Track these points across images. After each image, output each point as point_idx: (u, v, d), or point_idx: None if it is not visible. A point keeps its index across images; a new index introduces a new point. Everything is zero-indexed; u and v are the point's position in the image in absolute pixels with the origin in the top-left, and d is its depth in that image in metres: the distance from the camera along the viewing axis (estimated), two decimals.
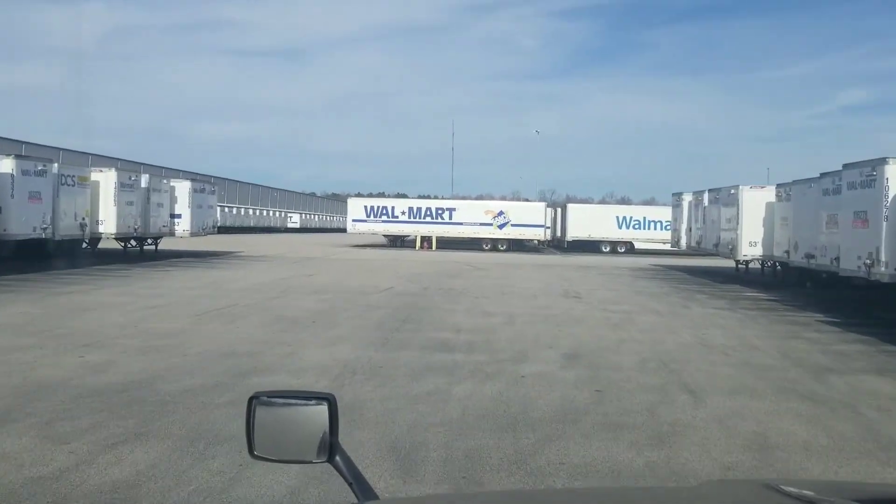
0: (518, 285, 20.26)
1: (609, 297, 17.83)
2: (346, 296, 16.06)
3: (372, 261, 30.52)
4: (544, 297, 17.38)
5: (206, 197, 29.56)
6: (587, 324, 12.87)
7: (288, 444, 1.63)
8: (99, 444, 5.39)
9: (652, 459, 5.46)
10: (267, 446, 1.62)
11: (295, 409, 1.63)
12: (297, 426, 1.61)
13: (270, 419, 1.62)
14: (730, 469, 5.34)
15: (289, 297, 15.65)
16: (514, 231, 45.30)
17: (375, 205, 45.90)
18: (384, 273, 23.30)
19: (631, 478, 5.09)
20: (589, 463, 5.35)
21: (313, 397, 1.64)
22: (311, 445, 1.60)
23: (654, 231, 47.16)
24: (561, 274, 25.42)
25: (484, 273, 24.85)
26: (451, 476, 4.98)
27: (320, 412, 1.61)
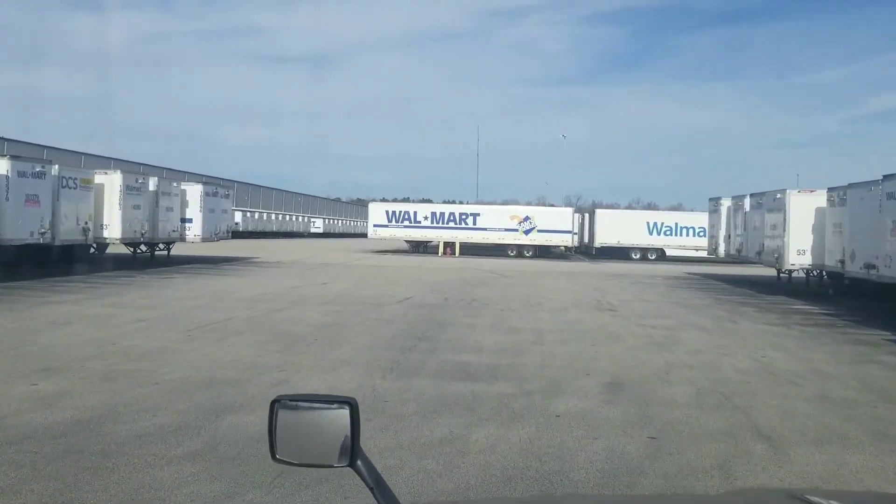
0: (546, 296, 18.76)
1: (647, 309, 16.28)
2: (358, 307, 14.69)
3: (392, 268, 29.17)
4: (575, 309, 15.87)
5: (220, 201, 28.36)
6: (626, 343, 11.36)
7: (309, 448, 1.59)
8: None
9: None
10: (289, 450, 1.59)
11: (317, 413, 1.59)
12: (318, 430, 1.58)
13: (292, 423, 1.59)
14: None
15: (295, 308, 14.30)
16: (541, 237, 43.76)
17: (397, 209, 44.60)
18: (403, 281, 21.92)
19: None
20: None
21: (335, 401, 1.60)
22: (333, 450, 1.57)
23: (687, 238, 45.43)
24: (591, 283, 23.87)
25: (509, 281, 23.38)
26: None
27: (342, 416, 1.57)
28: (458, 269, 28.83)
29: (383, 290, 18.65)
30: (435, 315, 13.86)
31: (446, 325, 12.60)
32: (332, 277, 22.64)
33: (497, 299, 17.23)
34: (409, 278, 23.26)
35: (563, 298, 18.15)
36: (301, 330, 11.45)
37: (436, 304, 15.70)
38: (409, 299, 16.59)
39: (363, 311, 14.04)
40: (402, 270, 27.61)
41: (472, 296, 17.93)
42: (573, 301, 17.57)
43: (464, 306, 15.55)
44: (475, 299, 17.10)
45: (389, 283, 21.02)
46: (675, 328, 13.21)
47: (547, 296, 18.73)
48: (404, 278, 23.21)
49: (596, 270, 31.87)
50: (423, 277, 23.76)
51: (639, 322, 13.89)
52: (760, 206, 22.87)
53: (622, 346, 10.95)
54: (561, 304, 16.86)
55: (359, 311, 14.17)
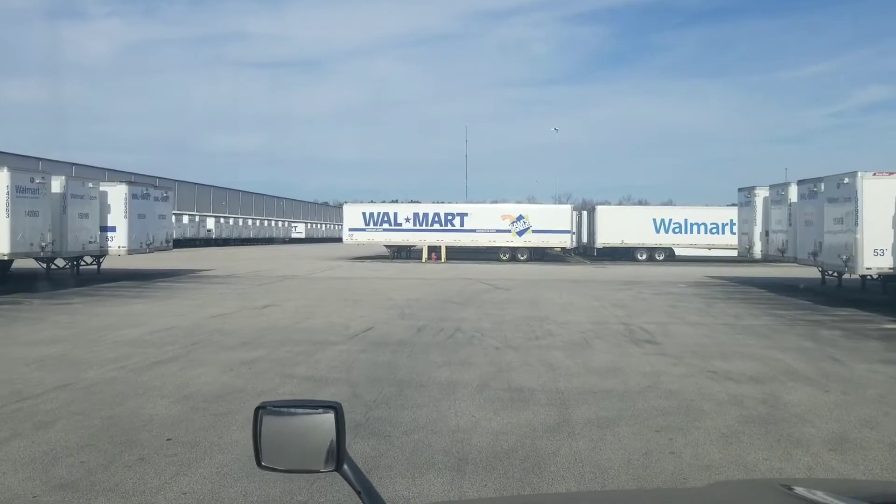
0: (555, 318, 14.13)
1: (699, 340, 11.67)
2: (287, 351, 10.02)
3: (363, 279, 24.46)
4: (601, 343, 11.22)
5: (154, 204, 23.47)
6: (711, 419, 6.72)
7: (295, 454, 1.56)
8: None
9: None
10: (274, 456, 1.56)
11: (301, 419, 1.56)
12: (304, 435, 1.55)
13: (277, 429, 1.56)
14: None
15: (189, 358, 9.60)
16: (536, 238, 39.18)
17: (375, 211, 39.83)
18: (370, 300, 17.23)
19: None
20: None
21: (320, 406, 1.57)
22: (319, 454, 1.54)
23: (697, 235, 41.03)
24: (605, 294, 19.25)
25: (504, 296, 18.73)
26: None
27: (327, 421, 1.54)
28: (443, 280, 24.16)
29: (338, 317, 13.99)
30: (398, 364, 9.19)
31: (412, 386, 7.93)
32: (281, 297, 17.93)
33: (490, 328, 12.58)
34: (380, 295, 18.58)
35: (578, 322, 13.52)
36: (153, 416, 6.74)
37: (404, 341, 11.03)
38: (367, 332, 11.93)
39: (290, 361, 9.37)
40: (375, 283, 22.92)
41: (456, 322, 13.28)
42: (593, 327, 12.93)
43: (443, 344, 10.87)
44: (460, 328, 12.44)
45: (351, 304, 16.34)
46: (764, 379, 8.59)
47: (556, 318, 14.09)
48: (373, 295, 18.53)
49: (604, 276, 27.24)
50: (396, 293, 19.10)
51: (704, 368, 9.26)
52: (815, 195, 18.29)
53: (707, 433, 6.31)
54: (579, 332, 12.22)
55: (285, 359, 9.50)
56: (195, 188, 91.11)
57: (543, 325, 12.94)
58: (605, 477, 5.12)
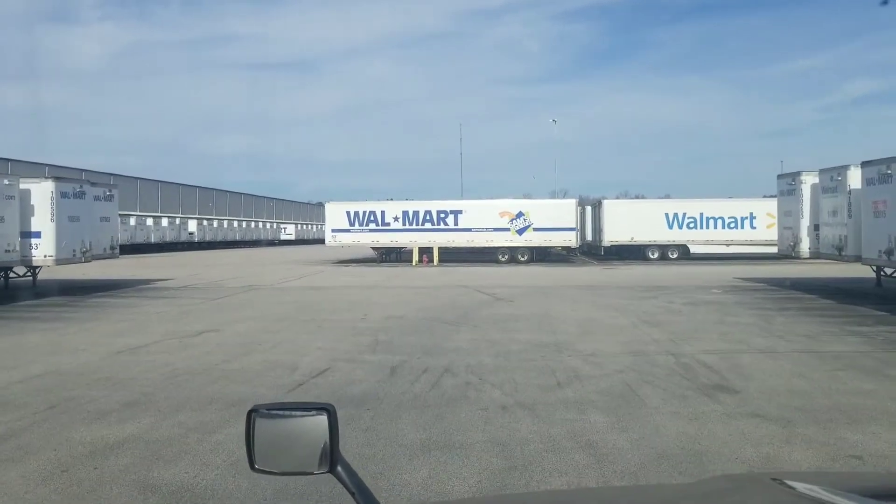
0: (577, 345, 10.62)
1: (789, 382, 8.17)
2: (178, 426, 6.50)
3: (340, 290, 20.92)
4: (655, 392, 7.68)
5: (92, 205, 19.83)
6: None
7: (289, 456, 1.55)
8: None
9: None
10: (267, 459, 1.55)
11: (294, 421, 1.55)
12: (297, 438, 1.54)
13: (270, 432, 1.55)
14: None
15: (20, 441, 6.07)
16: (538, 237, 35.69)
17: (360, 209, 36.21)
18: (340, 321, 13.72)
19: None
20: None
21: (312, 408, 1.56)
22: (313, 456, 1.53)
23: (714, 230, 37.62)
24: (631, 307, 15.76)
25: (507, 311, 15.21)
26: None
27: (320, 423, 1.54)
28: (434, 289, 20.65)
29: (288, 349, 10.48)
30: (344, 449, 5.68)
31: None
32: (230, 317, 14.41)
33: (491, 366, 9.07)
34: (354, 311, 15.06)
35: (609, 353, 10.01)
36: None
37: (366, 396, 7.50)
38: (319, 377, 8.43)
39: (172, 448, 5.84)
40: (353, 294, 19.40)
41: (445, 356, 9.76)
42: (633, 361, 9.41)
43: (423, 400, 7.35)
44: (450, 368, 8.93)
45: (314, 327, 12.83)
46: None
47: (578, 346, 10.58)
48: (347, 312, 15.01)
49: (619, 280, 23.73)
50: (375, 308, 15.59)
51: (839, 449, 5.76)
52: (889, 179, 14.80)
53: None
54: (615, 371, 8.71)
55: (168, 440, 5.98)
56: (179, 189, 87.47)
57: (565, 361, 9.42)
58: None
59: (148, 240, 58.20)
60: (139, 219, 57.61)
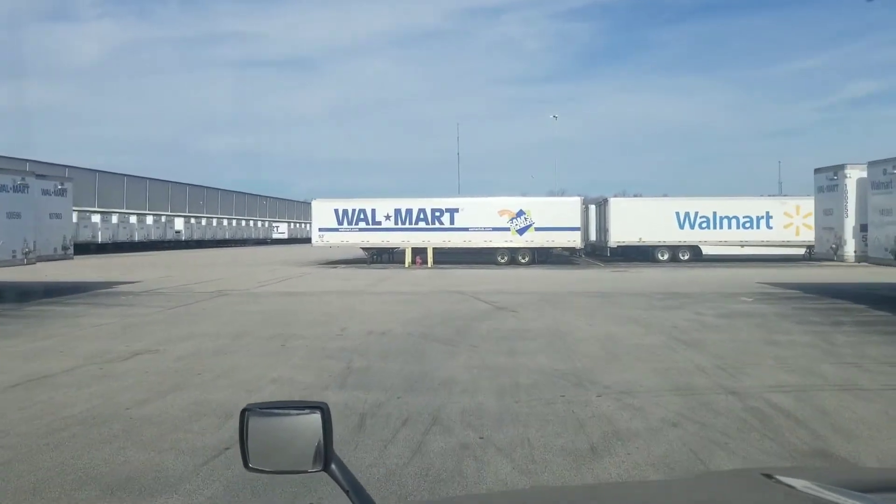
0: (604, 375, 8.27)
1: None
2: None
3: (320, 297, 18.58)
4: (735, 463, 5.36)
5: (37, 200, 17.41)
6: None
7: (282, 455, 1.53)
8: None
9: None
10: (261, 458, 1.53)
11: (288, 420, 1.52)
12: (290, 436, 1.52)
13: (264, 430, 1.53)
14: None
15: None
16: (539, 237, 33.40)
17: (350, 207, 33.83)
18: (310, 338, 11.37)
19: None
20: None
21: (306, 406, 1.53)
22: (307, 455, 1.51)
23: (728, 231, 35.38)
24: (653, 318, 13.45)
25: (512, 324, 12.87)
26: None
27: (314, 421, 1.51)
28: (426, 296, 18.32)
29: (232, 382, 8.15)
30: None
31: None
32: (180, 332, 12.05)
33: (495, 411, 6.72)
34: (330, 326, 12.73)
35: (647, 388, 7.66)
36: None
37: (308, 483, 5.15)
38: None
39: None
40: (333, 302, 17.05)
41: (433, 395, 7.42)
42: (682, 403, 7.05)
43: (398, 478, 5.00)
44: (439, 416, 6.58)
45: (277, 347, 10.49)
46: None
47: (605, 377, 8.22)
48: (320, 326, 12.67)
49: (633, 285, 21.41)
50: (355, 321, 13.26)
51: None
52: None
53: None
54: (666, 423, 6.36)
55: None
56: (168, 187, 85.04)
57: (593, 404, 7.07)
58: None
59: (132, 238, 55.86)
60: (122, 216, 55.18)
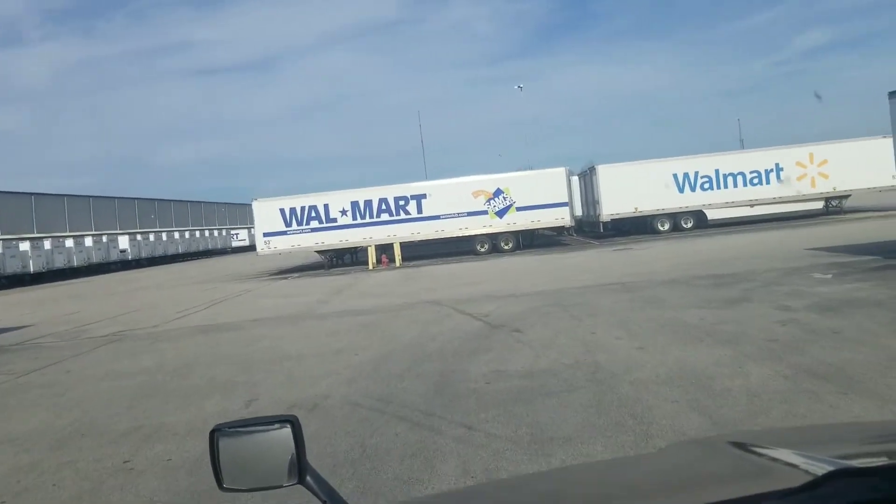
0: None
1: None
2: None
3: (241, 331, 13.62)
4: None
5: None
6: None
7: (256, 472, 1.52)
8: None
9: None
10: (235, 477, 1.52)
11: (259, 436, 1.51)
12: (263, 452, 1.51)
13: (235, 449, 1.52)
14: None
15: None
16: (523, 218, 28.74)
17: (298, 205, 28.77)
18: (175, 440, 6.52)
19: None
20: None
21: (276, 421, 1.52)
22: (281, 469, 1.49)
23: (735, 190, 31.02)
24: (728, 326, 8.80)
25: (520, 361, 8.06)
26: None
27: (285, 435, 1.50)
28: (389, 313, 13.48)
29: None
30: None
31: None
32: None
33: None
34: (222, 402, 7.86)
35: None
36: None
37: None
38: None
39: None
40: (252, 343, 12.10)
41: None
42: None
43: None
44: None
45: (94, 483, 5.64)
46: None
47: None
48: (207, 404, 7.79)
49: (653, 268, 16.74)
50: (269, 385, 8.42)
51: None
52: None
53: None
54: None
55: None
56: (114, 203, 78.99)
57: None
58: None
59: (70, 264, 50.21)
60: (55, 240, 49.56)
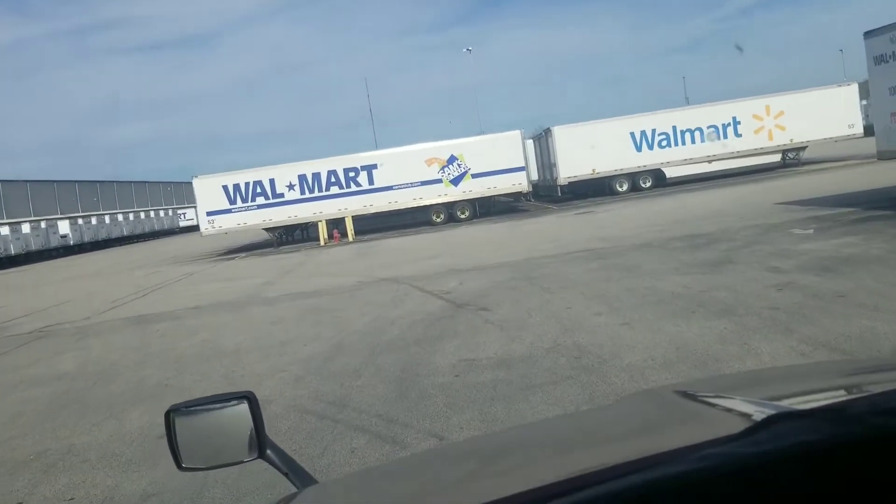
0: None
1: None
2: None
3: (177, 322, 12.29)
4: None
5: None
6: None
7: (216, 450, 1.50)
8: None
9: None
10: (194, 456, 1.49)
11: (216, 414, 1.48)
12: (221, 430, 1.48)
13: (192, 428, 1.48)
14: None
15: None
16: (479, 185, 27.66)
17: (242, 181, 27.17)
18: (75, 475, 5.31)
19: None
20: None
21: (232, 398, 1.49)
22: (240, 445, 1.48)
23: (693, 146, 30.34)
24: (716, 292, 7.84)
25: (494, 346, 7.00)
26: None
27: (242, 411, 1.47)
28: (343, 294, 12.30)
29: None
30: None
31: None
32: None
33: None
34: (142, 416, 6.65)
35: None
36: None
37: None
38: None
39: None
40: (188, 335, 10.81)
41: None
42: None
43: None
44: None
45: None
46: None
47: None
48: (132, 416, 6.59)
49: (627, 231, 15.82)
50: (204, 384, 7.21)
51: None
52: None
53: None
54: None
55: None
56: (53, 187, 75.57)
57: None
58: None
59: (6, 252, 47.79)
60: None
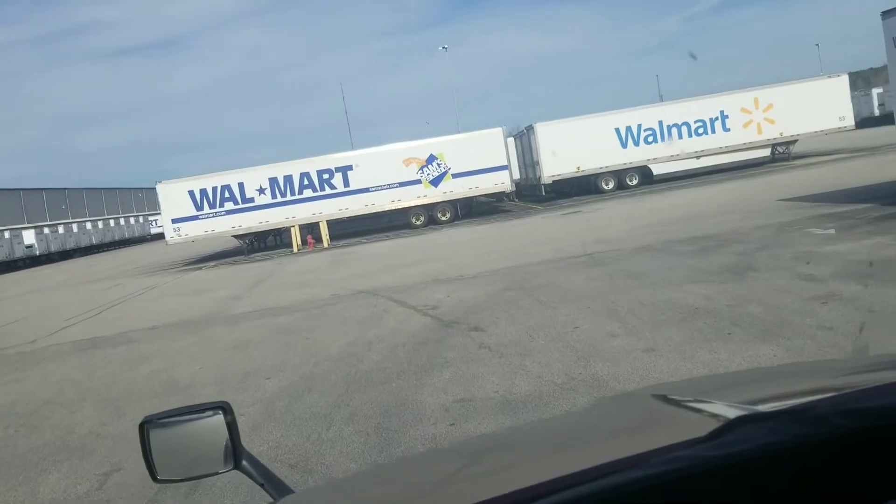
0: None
1: None
2: None
3: (127, 349, 10.88)
4: None
5: None
6: None
7: (191, 461, 1.48)
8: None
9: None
10: (169, 468, 1.47)
11: (191, 425, 1.46)
12: (196, 441, 1.46)
13: (167, 440, 1.46)
14: None
15: None
16: (460, 185, 26.43)
17: (210, 185, 25.68)
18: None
19: None
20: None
21: (207, 408, 1.47)
22: (216, 456, 1.45)
23: (681, 141, 29.18)
24: (748, 307, 6.62)
25: (495, 380, 5.72)
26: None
27: (217, 422, 1.45)
28: (315, 312, 10.97)
29: None
30: None
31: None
32: None
33: None
34: (67, 490, 5.32)
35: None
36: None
37: None
38: None
39: None
40: (140, 364, 9.43)
41: None
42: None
43: None
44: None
45: None
46: None
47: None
48: (41, 489, 5.26)
49: (623, 234, 14.62)
50: None
51: None
52: None
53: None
54: None
55: None
56: (19, 195, 73.27)
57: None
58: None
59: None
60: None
